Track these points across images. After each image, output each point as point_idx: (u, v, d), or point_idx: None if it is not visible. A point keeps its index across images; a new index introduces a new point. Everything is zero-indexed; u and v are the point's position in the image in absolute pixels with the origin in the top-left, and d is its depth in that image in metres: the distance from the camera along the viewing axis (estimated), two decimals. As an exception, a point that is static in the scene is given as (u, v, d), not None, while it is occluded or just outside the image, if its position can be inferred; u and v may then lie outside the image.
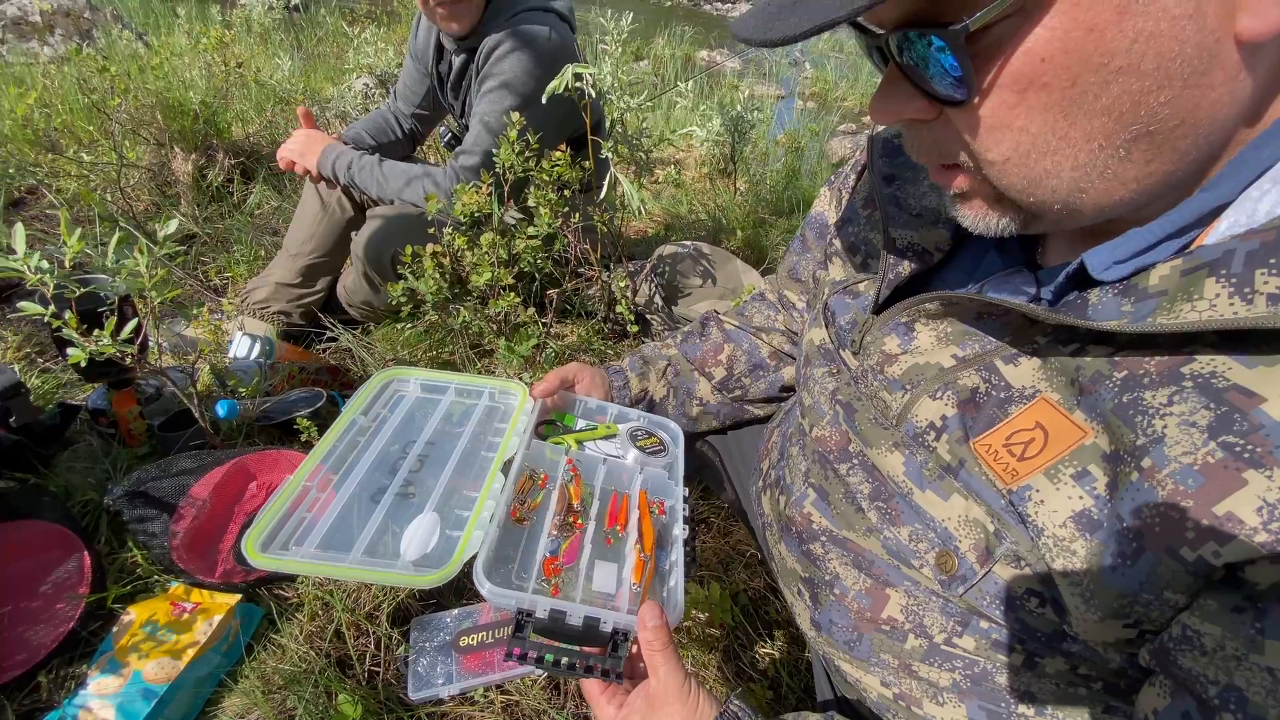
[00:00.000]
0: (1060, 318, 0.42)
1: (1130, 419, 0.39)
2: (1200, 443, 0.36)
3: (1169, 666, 0.39)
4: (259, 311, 1.68)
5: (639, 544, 0.67)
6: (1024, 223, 0.46)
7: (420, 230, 1.49)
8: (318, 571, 0.62)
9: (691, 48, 6.02)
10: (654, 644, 0.55)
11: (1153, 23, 0.34)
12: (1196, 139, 0.38)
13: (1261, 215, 0.37)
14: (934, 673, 0.53)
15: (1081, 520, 0.42)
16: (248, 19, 3.91)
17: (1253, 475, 0.34)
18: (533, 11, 1.48)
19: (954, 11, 0.36)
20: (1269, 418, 0.34)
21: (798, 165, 3.28)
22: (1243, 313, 0.35)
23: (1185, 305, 0.37)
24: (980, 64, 0.38)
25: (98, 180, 2.08)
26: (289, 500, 0.65)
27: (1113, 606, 0.40)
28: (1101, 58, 0.35)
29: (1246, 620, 0.35)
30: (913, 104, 0.43)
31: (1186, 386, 0.38)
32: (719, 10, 11.09)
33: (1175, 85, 0.35)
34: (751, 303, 1.00)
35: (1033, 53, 0.36)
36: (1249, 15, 0.34)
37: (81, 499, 1.17)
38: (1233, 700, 0.35)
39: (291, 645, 1.01)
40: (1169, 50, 0.34)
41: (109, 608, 1.02)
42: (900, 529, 0.54)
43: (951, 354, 0.53)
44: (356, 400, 0.80)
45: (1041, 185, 0.41)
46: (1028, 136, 0.39)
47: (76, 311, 0.94)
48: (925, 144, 0.46)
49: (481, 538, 0.62)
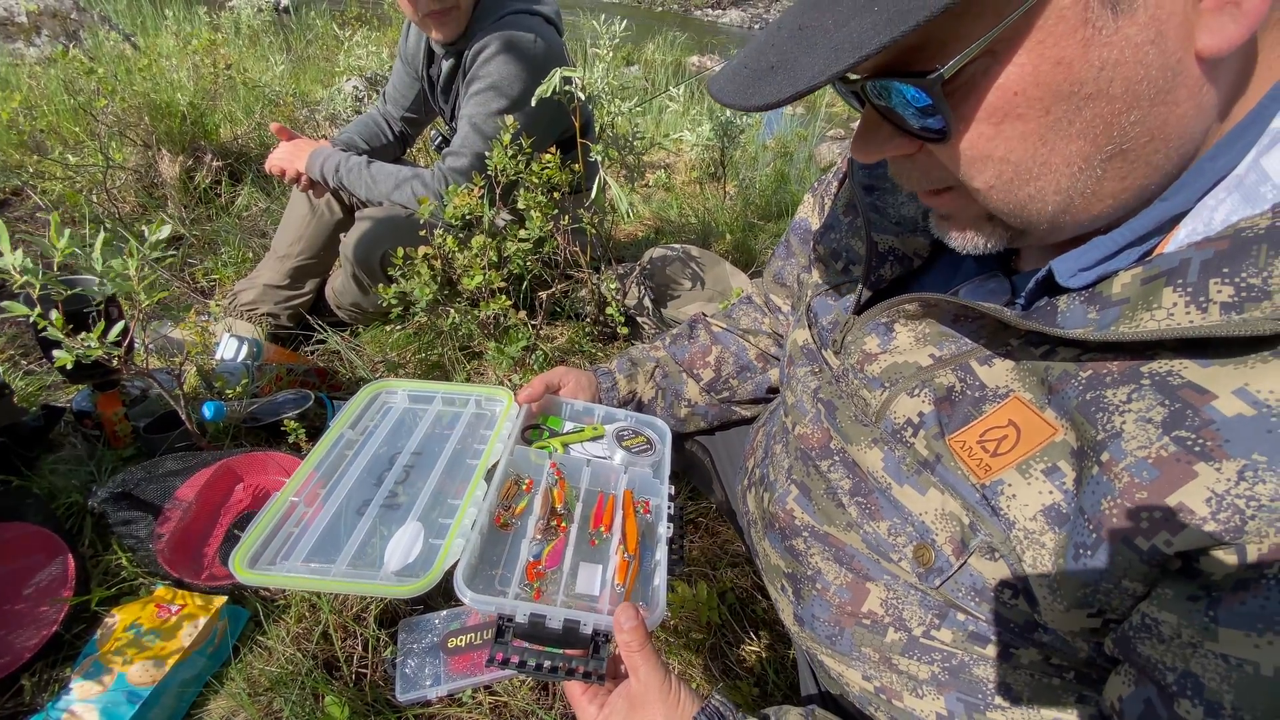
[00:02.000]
0: (1031, 325, 0.44)
1: (1092, 416, 0.41)
2: (1155, 437, 0.38)
3: (1130, 654, 0.41)
4: (247, 313, 1.68)
5: (622, 544, 0.68)
6: (1011, 240, 0.47)
7: (409, 232, 1.49)
8: (303, 585, 0.64)
9: (683, 53, 6.05)
10: (631, 644, 0.55)
11: (1117, 51, 0.35)
12: (1168, 151, 0.39)
13: (1217, 223, 0.39)
14: (913, 665, 0.54)
15: (1051, 514, 0.43)
16: (236, 21, 3.89)
17: (1203, 468, 0.36)
18: (519, 15, 1.49)
19: (927, 60, 0.38)
20: (1220, 413, 0.36)
21: (786, 170, 3.31)
22: (1198, 321, 0.37)
23: (1145, 314, 0.39)
24: (956, 103, 0.39)
25: (83, 182, 2.06)
26: (277, 516, 0.67)
27: (1077, 596, 0.41)
28: (1071, 87, 0.36)
29: (1200, 608, 0.36)
30: (893, 142, 0.44)
31: (1144, 384, 0.39)
32: (709, 16, 11.16)
33: (1143, 105, 0.37)
34: (739, 305, 1.02)
35: (1005, 88, 0.37)
36: (1207, 34, 0.35)
37: (65, 501, 1.16)
38: (1190, 686, 0.37)
39: (278, 647, 1.01)
40: (1135, 74, 0.36)
41: (93, 610, 1.01)
42: (879, 523, 0.55)
43: (929, 354, 0.54)
44: (345, 413, 0.81)
45: (1028, 209, 0.43)
46: (1009, 165, 0.40)
47: (63, 313, 0.94)
48: (913, 174, 0.47)
49: (463, 545, 0.64)
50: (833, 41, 0.36)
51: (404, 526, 0.69)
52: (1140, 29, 0.35)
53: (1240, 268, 0.36)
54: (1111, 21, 0.35)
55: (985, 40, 0.35)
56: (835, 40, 0.36)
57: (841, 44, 0.36)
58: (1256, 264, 0.35)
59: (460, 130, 1.53)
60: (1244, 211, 0.38)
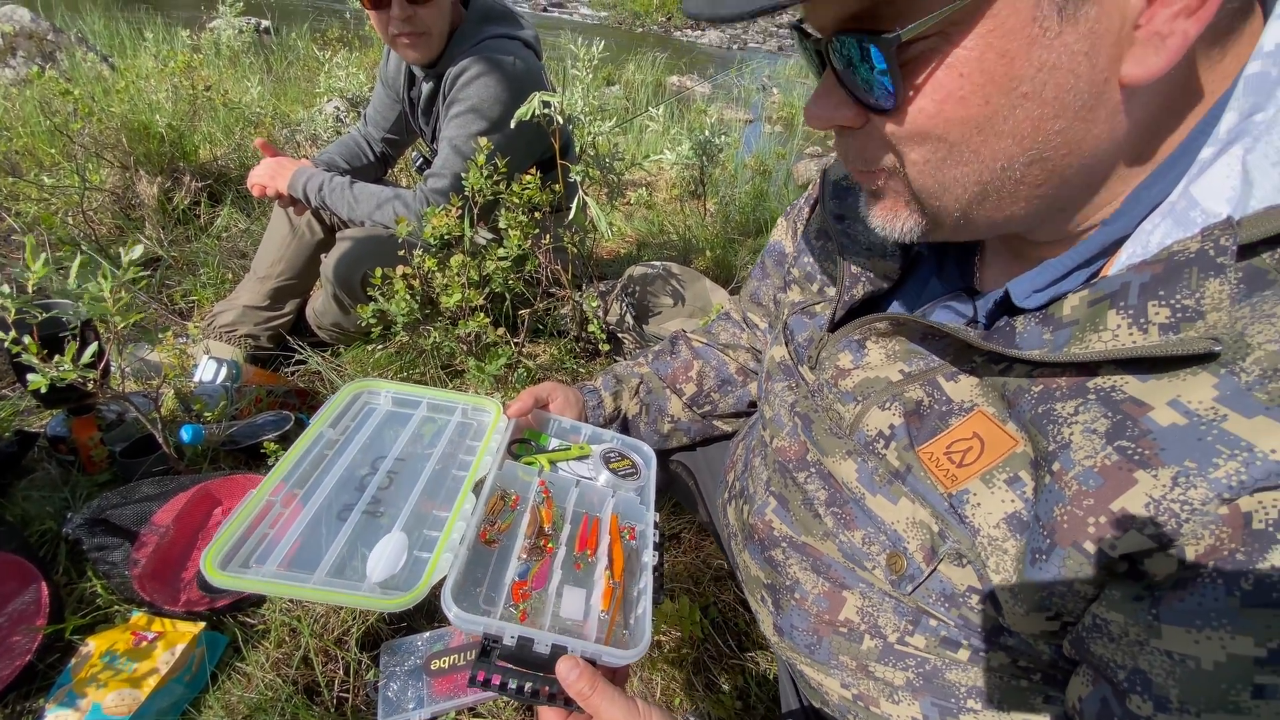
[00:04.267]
0: (992, 346, 0.47)
1: (1044, 428, 0.44)
2: (1100, 447, 0.40)
3: (1085, 654, 0.43)
4: (226, 335, 1.67)
5: (609, 570, 0.67)
6: (926, 229, 0.50)
7: (390, 252, 1.50)
8: (280, 591, 0.59)
9: (662, 73, 6.15)
10: (583, 693, 0.54)
11: (1055, 55, 0.38)
12: (1080, 169, 0.43)
13: (1154, 246, 0.42)
14: (889, 672, 0.55)
15: (1013, 521, 0.45)
16: (216, 42, 3.89)
17: (1142, 475, 0.38)
18: (497, 39, 1.52)
19: (888, 21, 0.40)
20: (1156, 424, 0.38)
21: (765, 187, 3.37)
22: (1140, 341, 0.40)
23: (1093, 335, 0.42)
24: (907, 73, 0.41)
25: (59, 204, 2.04)
26: (251, 515, 0.62)
27: (1035, 599, 0.43)
28: (1011, 82, 0.39)
29: (1144, 607, 0.38)
30: (843, 110, 0.46)
31: (1090, 398, 0.42)
32: (689, 37, 11.34)
33: (1068, 116, 0.40)
34: (718, 321, 1.04)
35: (953, 68, 0.40)
36: (1132, 62, 0.38)
37: (39, 528, 1.14)
38: (1139, 682, 0.39)
39: (257, 673, 0.99)
40: (1066, 82, 0.39)
41: (67, 639, 0.99)
42: (854, 532, 0.56)
43: (899, 369, 0.57)
44: (325, 411, 0.77)
45: (948, 191, 0.45)
46: (944, 145, 0.43)
47: (37, 337, 0.93)
48: (853, 150, 0.50)
49: (451, 560, 0.61)
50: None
51: (388, 537, 0.65)
52: (1079, 39, 0.37)
53: (1175, 290, 0.39)
54: (1056, 24, 0.37)
55: (943, 13, 0.37)
56: None
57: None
58: (1189, 286, 0.38)
59: (441, 152, 1.54)
60: (1177, 235, 0.40)
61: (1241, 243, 0.37)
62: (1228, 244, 0.37)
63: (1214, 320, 0.37)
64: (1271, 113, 0.38)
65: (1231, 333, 0.37)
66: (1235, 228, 0.38)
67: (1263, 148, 0.38)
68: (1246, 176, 0.38)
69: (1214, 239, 0.38)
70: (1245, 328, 0.36)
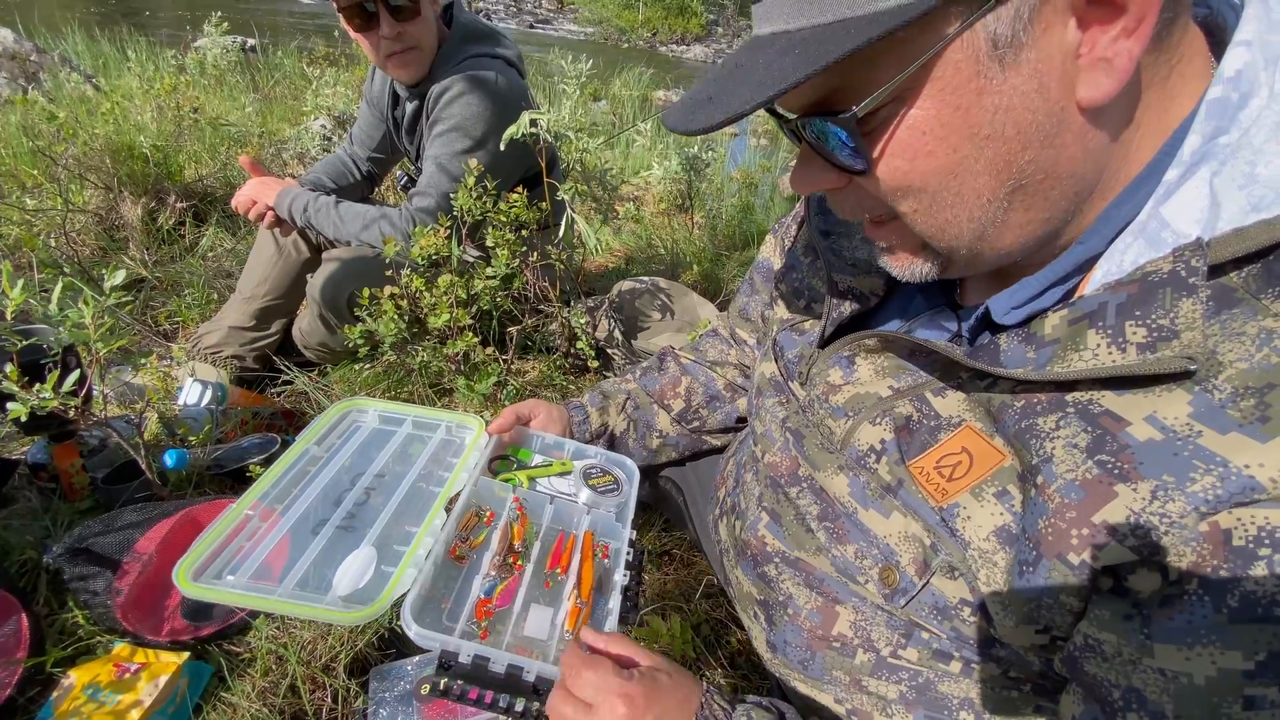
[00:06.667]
0: (977, 364, 0.48)
1: (1027, 442, 0.45)
2: (1081, 460, 0.41)
3: (1078, 674, 0.43)
4: (211, 356, 1.65)
5: (576, 589, 0.67)
6: (941, 267, 0.52)
7: (377, 272, 1.49)
8: (245, 603, 0.61)
9: (649, 88, 6.21)
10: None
11: (1006, 98, 0.40)
12: (1063, 189, 0.44)
13: (1127, 265, 0.43)
14: (882, 686, 0.55)
15: (1002, 534, 0.46)
16: (202, 61, 3.89)
17: (1122, 488, 0.39)
18: (479, 58, 1.53)
19: (845, 101, 0.43)
20: (1134, 439, 0.39)
21: (752, 200, 3.40)
22: (1119, 360, 0.41)
23: (1074, 355, 0.43)
24: (873, 141, 0.44)
25: (41, 226, 2.02)
26: (228, 529, 0.64)
27: (1023, 612, 0.44)
28: (971, 129, 0.41)
29: (1135, 626, 0.39)
30: (825, 175, 0.49)
31: (1070, 412, 0.43)
32: (675, 52, 11.48)
33: (1035, 146, 0.42)
34: (706, 338, 1.04)
35: (914, 129, 0.42)
36: (1084, 86, 0.40)
37: (19, 558, 1.12)
38: (1134, 700, 0.39)
39: (243, 703, 0.97)
40: (1024, 119, 0.41)
41: (48, 672, 0.97)
42: (847, 547, 0.57)
43: (888, 385, 0.58)
44: (312, 429, 0.78)
45: (947, 233, 0.47)
46: (926, 194, 0.45)
47: (18, 364, 0.92)
48: (848, 205, 0.52)
49: (414, 576, 0.62)
50: (760, 77, 0.42)
51: (357, 551, 0.66)
52: (1025, 79, 0.40)
53: (1150, 310, 0.40)
54: (1000, 73, 0.39)
55: (890, 86, 0.40)
56: (762, 76, 0.42)
57: (766, 79, 0.41)
58: (1164, 306, 0.40)
59: (426, 171, 1.55)
60: (1149, 255, 0.42)
61: (1211, 263, 0.39)
62: (1198, 265, 0.39)
63: (1189, 339, 0.38)
64: (1235, 136, 0.40)
65: (1204, 350, 0.38)
66: (1205, 249, 0.39)
67: (1229, 171, 0.39)
68: (1214, 199, 0.39)
69: (1185, 260, 0.39)
70: (1216, 345, 0.38)
